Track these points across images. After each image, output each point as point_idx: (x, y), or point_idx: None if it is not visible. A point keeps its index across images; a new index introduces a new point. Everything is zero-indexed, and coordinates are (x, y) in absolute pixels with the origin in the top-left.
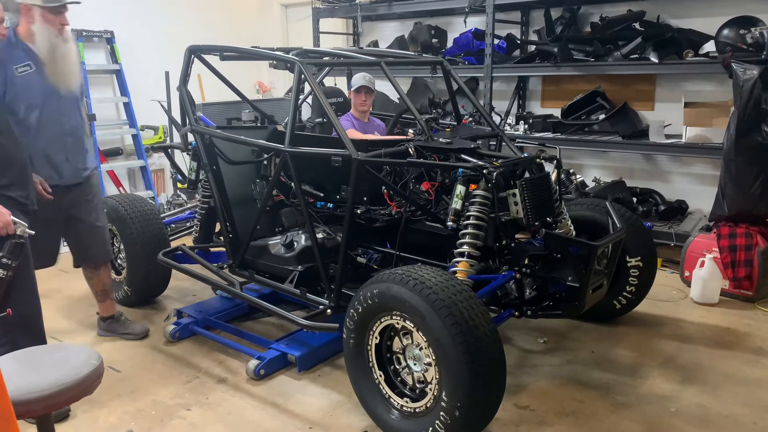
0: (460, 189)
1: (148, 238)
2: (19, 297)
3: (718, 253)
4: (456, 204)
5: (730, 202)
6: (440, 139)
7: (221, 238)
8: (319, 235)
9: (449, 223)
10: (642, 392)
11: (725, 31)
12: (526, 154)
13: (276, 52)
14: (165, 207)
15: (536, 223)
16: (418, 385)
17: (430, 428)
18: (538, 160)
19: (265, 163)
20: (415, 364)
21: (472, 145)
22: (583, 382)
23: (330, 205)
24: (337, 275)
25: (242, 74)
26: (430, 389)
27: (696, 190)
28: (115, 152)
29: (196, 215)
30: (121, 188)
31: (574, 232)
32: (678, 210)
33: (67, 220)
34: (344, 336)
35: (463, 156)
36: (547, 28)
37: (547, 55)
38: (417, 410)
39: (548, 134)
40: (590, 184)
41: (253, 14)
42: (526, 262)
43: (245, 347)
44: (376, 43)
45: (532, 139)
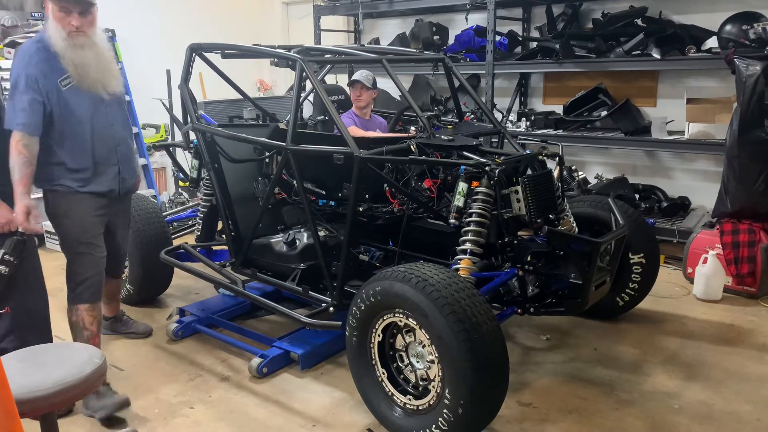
0: (462, 186)
1: (151, 237)
2: (26, 294)
3: (721, 249)
4: (458, 201)
5: (733, 199)
6: (442, 137)
7: (223, 236)
8: (322, 233)
9: (451, 221)
10: (645, 389)
11: (728, 27)
12: (528, 151)
13: (277, 50)
14: (167, 205)
15: (539, 220)
16: (421, 383)
17: (434, 425)
18: (540, 157)
19: (267, 161)
20: (418, 362)
21: (474, 143)
22: (586, 380)
23: (332, 203)
24: (339, 273)
25: (244, 72)
26: (433, 387)
27: (699, 186)
28: None
29: (198, 213)
30: None
31: (576, 229)
32: (681, 206)
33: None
34: (347, 334)
35: (465, 153)
36: (548, 25)
37: (549, 52)
38: (420, 408)
39: (550, 131)
40: (592, 181)
41: (255, 12)
42: (528, 259)
43: (248, 345)
44: (377, 41)
45: (534, 136)
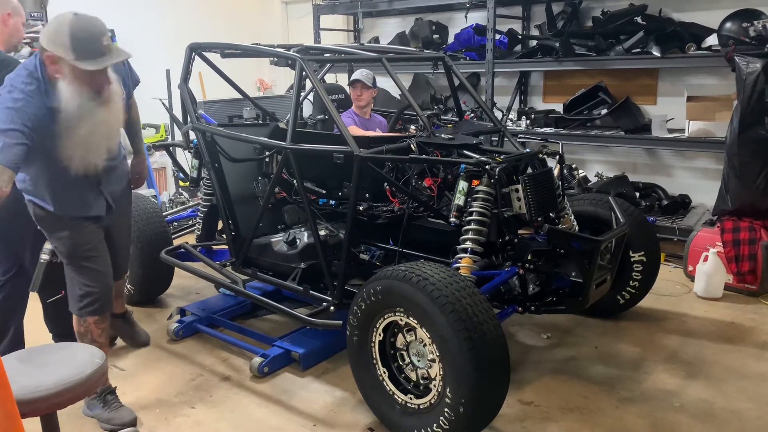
0: (462, 185)
1: (151, 237)
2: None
3: (722, 247)
4: (458, 200)
5: (734, 196)
6: (442, 135)
7: (224, 235)
8: (322, 232)
9: (452, 220)
10: (646, 387)
11: (728, 25)
12: (528, 150)
13: (277, 49)
14: (167, 205)
15: (539, 219)
16: (422, 382)
17: (435, 424)
18: (540, 156)
19: (267, 160)
20: (419, 361)
21: (474, 141)
22: (587, 378)
23: (332, 202)
24: (339, 272)
25: (243, 72)
26: (434, 385)
27: (699, 184)
28: None
29: (198, 213)
30: None
31: (577, 228)
32: (681, 204)
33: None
34: (348, 333)
35: (466, 152)
36: (548, 23)
37: (549, 50)
38: (421, 407)
39: (550, 129)
40: (593, 179)
41: (254, 11)
42: (529, 257)
43: (249, 345)
44: (377, 40)
45: (534, 135)
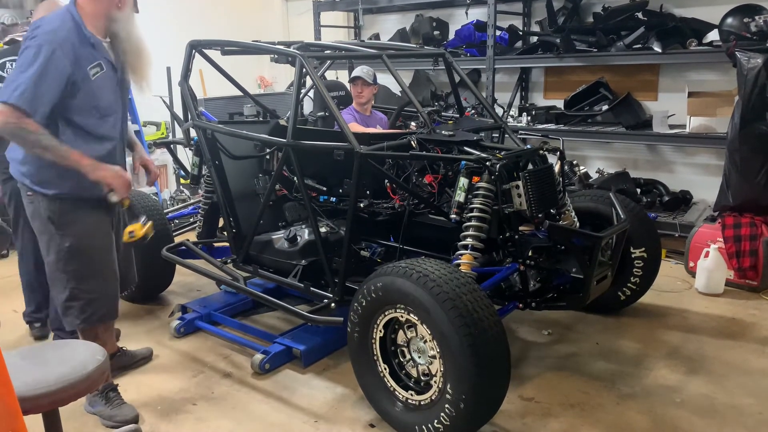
0: (463, 181)
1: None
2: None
3: (723, 243)
4: (459, 197)
5: (735, 192)
6: (443, 132)
7: (224, 233)
8: (323, 229)
9: (452, 216)
10: (647, 383)
11: (729, 20)
12: (529, 146)
13: (277, 46)
14: (168, 202)
15: (540, 215)
16: (422, 378)
17: (435, 420)
18: (541, 152)
19: (268, 157)
20: (420, 357)
21: (475, 138)
22: (588, 374)
23: (333, 199)
24: (340, 269)
25: (244, 69)
26: (435, 382)
27: (700, 180)
28: None
29: (199, 210)
30: None
31: (577, 224)
32: (682, 200)
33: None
34: (348, 329)
35: (466, 148)
36: (549, 19)
37: (550, 46)
38: (422, 403)
39: (551, 126)
40: (594, 176)
41: (254, 8)
42: (530, 254)
43: (250, 342)
44: (377, 36)
45: (535, 131)
